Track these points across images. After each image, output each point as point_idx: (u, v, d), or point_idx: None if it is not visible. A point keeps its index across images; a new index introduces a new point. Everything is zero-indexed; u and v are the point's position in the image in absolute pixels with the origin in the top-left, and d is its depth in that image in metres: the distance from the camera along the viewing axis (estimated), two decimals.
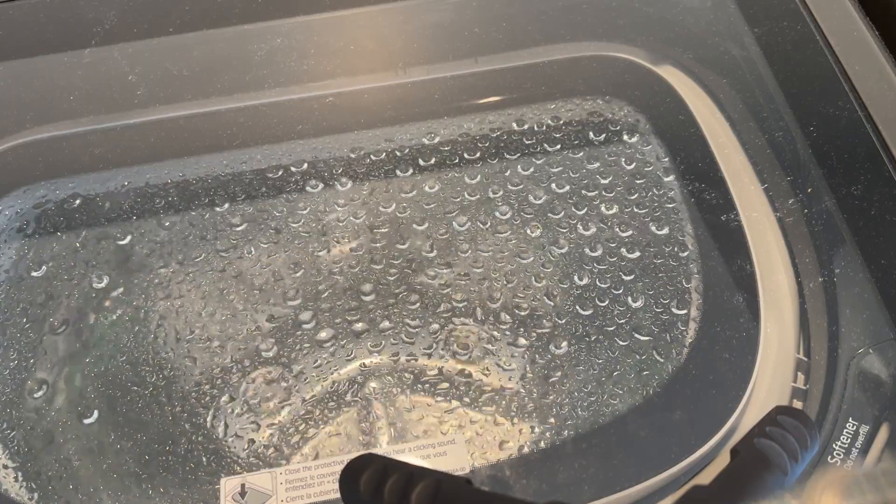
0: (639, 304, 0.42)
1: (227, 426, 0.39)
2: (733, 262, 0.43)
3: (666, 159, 0.48)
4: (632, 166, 0.47)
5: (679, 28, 0.53)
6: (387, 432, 0.39)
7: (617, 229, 0.45)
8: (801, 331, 0.40)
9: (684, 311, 0.42)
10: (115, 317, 0.42)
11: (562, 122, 0.50)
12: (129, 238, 0.45)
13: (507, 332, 0.42)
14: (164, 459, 0.38)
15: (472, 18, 0.54)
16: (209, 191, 0.47)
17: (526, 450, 0.38)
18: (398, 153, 0.48)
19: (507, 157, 0.48)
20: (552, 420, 0.39)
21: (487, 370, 0.40)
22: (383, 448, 0.38)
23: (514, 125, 0.49)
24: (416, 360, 0.41)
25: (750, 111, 0.49)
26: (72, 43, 0.52)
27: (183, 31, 0.53)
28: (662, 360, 0.40)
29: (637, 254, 0.44)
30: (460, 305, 0.42)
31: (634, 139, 0.49)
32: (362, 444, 0.38)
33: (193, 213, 0.46)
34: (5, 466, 0.38)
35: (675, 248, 0.44)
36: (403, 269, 0.44)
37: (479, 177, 0.47)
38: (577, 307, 0.42)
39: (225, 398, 0.40)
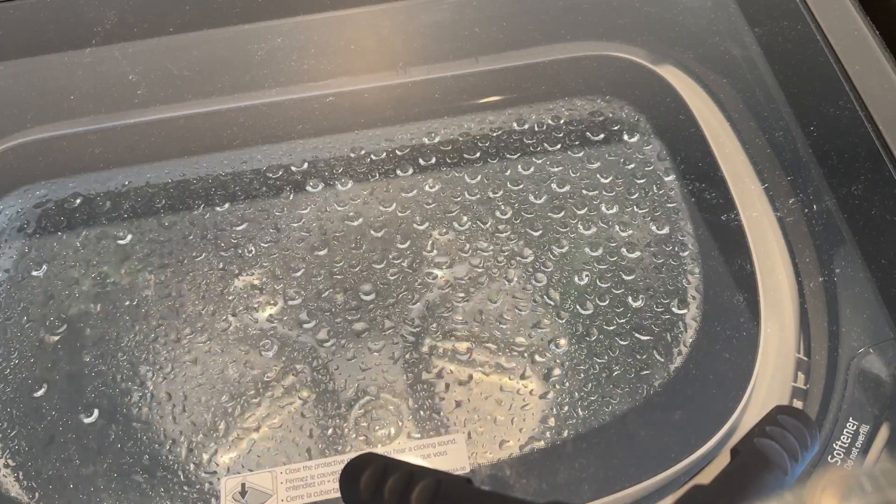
0: (639, 303, 0.42)
1: (227, 425, 0.39)
2: (733, 261, 0.43)
3: (666, 159, 0.48)
4: (632, 166, 0.47)
5: (679, 28, 0.53)
6: (387, 432, 0.39)
7: (617, 229, 0.45)
8: (801, 331, 0.40)
9: (684, 311, 0.42)
10: (115, 317, 0.42)
11: (562, 121, 0.50)
12: (129, 238, 0.45)
13: (508, 332, 0.42)
14: (164, 459, 0.38)
15: (472, 18, 0.54)
16: (209, 191, 0.47)
17: (526, 449, 0.38)
18: (398, 153, 0.48)
19: (508, 156, 0.48)
20: (552, 420, 0.39)
21: (488, 370, 0.40)
22: (383, 447, 0.38)
23: (515, 125, 0.49)
24: (417, 359, 0.41)
25: (750, 111, 0.49)
26: (72, 43, 0.52)
27: (183, 31, 0.53)
28: (662, 360, 0.40)
29: (637, 254, 0.44)
30: (461, 305, 0.42)
31: (634, 139, 0.49)
32: (362, 444, 0.38)
33: (193, 213, 0.46)
34: (5, 466, 0.38)
35: (675, 248, 0.44)
36: (403, 269, 0.44)
37: (479, 176, 0.47)
38: (578, 306, 0.42)
39: (225, 397, 0.40)
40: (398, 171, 0.48)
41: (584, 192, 0.46)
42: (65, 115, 0.50)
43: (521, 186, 0.47)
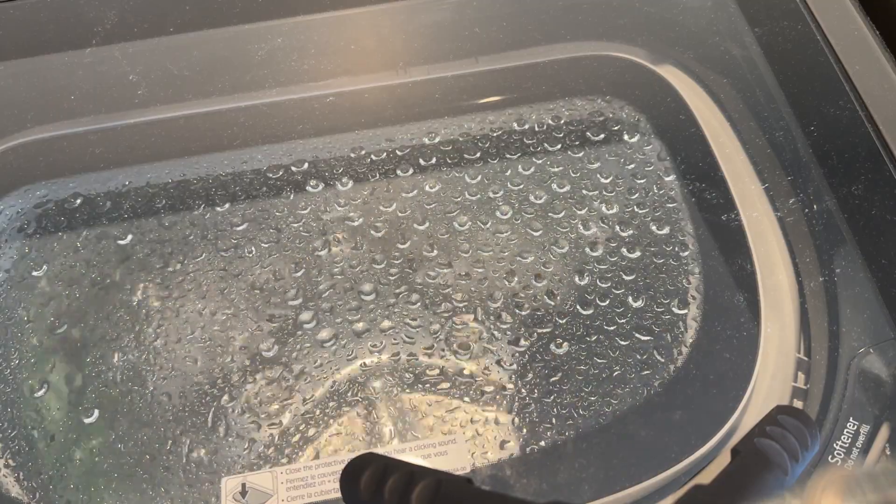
0: (639, 304, 0.42)
1: (227, 426, 0.39)
2: (733, 262, 0.43)
3: (666, 159, 0.48)
4: (632, 166, 0.47)
5: (679, 28, 0.53)
6: (387, 432, 0.39)
7: (617, 229, 0.45)
8: (801, 331, 0.40)
9: (684, 311, 0.42)
10: (115, 317, 0.42)
11: (562, 121, 0.50)
12: (129, 238, 0.45)
13: (508, 332, 0.42)
14: (165, 459, 0.38)
15: (472, 18, 0.54)
16: (209, 191, 0.47)
17: (526, 449, 0.38)
18: (399, 153, 0.48)
19: (508, 156, 0.48)
20: (552, 420, 0.39)
21: (488, 370, 0.40)
22: (384, 447, 0.38)
23: (515, 125, 0.49)
24: (417, 359, 0.41)
25: (750, 111, 0.49)
26: (72, 43, 0.52)
27: (183, 31, 0.53)
28: (662, 360, 0.40)
29: (637, 254, 0.44)
30: (461, 305, 0.42)
31: (635, 139, 0.49)
32: (363, 444, 0.38)
33: (194, 213, 0.46)
34: (5, 466, 0.38)
35: (676, 248, 0.44)
36: (403, 269, 0.44)
37: (479, 176, 0.47)
38: (578, 307, 0.42)
39: (226, 398, 0.40)
40: (398, 171, 0.48)
41: (584, 192, 0.46)
42: (65, 115, 0.49)
43: (521, 186, 0.47)
